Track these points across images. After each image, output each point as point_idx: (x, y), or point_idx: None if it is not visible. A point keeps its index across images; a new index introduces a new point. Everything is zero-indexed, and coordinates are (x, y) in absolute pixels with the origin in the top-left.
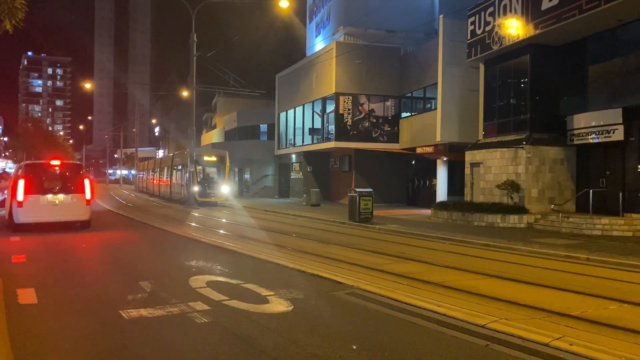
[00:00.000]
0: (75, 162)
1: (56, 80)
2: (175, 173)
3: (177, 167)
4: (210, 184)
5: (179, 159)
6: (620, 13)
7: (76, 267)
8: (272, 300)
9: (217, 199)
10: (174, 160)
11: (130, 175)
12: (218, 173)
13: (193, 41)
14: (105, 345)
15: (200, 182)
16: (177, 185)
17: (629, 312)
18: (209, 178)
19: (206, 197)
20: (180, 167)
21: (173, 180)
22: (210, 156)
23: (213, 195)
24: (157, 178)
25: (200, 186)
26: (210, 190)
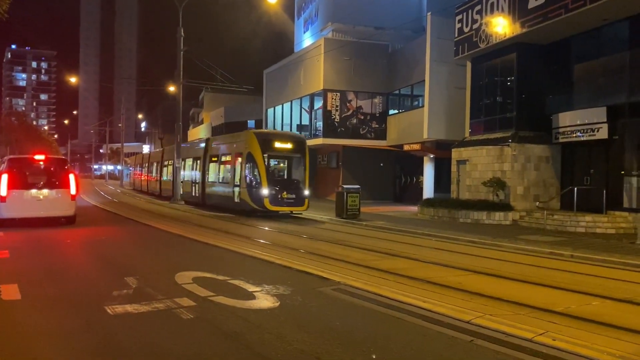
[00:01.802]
0: (60, 157)
1: (41, 74)
2: (191, 167)
3: (195, 160)
4: (284, 184)
5: (196, 149)
6: (605, 12)
7: (61, 262)
8: (259, 296)
9: (297, 207)
10: (189, 152)
11: (116, 170)
12: (296, 168)
13: (180, 36)
14: (90, 341)
15: (270, 181)
16: (190, 184)
17: (611, 307)
18: (282, 175)
19: (280, 204)
20: (195, 160)
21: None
22: (284, 141)
23: (291, 201)
24: (164, 174)
25: (270, 187)
26: (288, 193)
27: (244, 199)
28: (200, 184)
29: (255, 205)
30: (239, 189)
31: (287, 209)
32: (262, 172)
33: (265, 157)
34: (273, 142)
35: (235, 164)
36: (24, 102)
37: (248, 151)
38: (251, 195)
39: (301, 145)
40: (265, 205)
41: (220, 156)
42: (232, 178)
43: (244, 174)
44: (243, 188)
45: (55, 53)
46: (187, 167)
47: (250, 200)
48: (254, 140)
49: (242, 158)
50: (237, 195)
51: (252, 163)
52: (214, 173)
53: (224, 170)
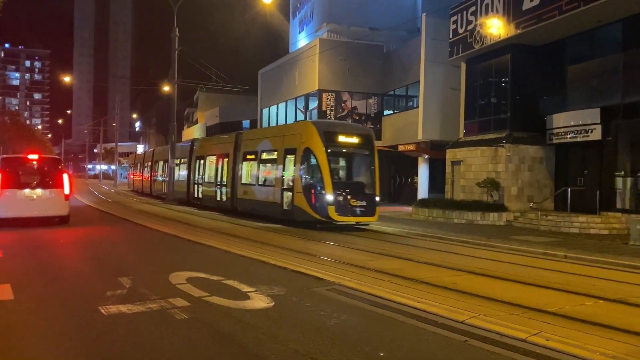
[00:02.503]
0: (54, 157)
1: (34, 73)
2: (214, 166)
3: (221, 158)
4: (352, 188)
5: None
6: (599, 14)
7: (54, 262)
8: (253, 296)
9: (367, 218)
10: (208, 149)
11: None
12: (363, 167)
13: (175, 35)
14: (84, 341)
15: (336, 184)
16: (213, 187)
17: (603, 308)
18: (348, 176)
19: (349, 213)
20: (221, 158)
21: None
22: (350, 134)
23: (362, 210)
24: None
25: (336, 191)
26: (358, 199)
27: (298, 206)
28: (230, 187)
29: (316, 214)
30: (290, 193)
31: (357, 220)
32: (326, 172)
33: (328, 154)
34: (337, 135)
35: (285, 162)
36: (17, 102)
37: (306, 146)
38: (310, 202)
39: (369, 139)
40: (330, 214)
41: (260, 153)
42: (279, 180)
43: (299, 174)
44: (298, 192)
45: (49, 52)
46: (204, 167)
47: (310, 207)
48: (314, 133)
49: (296, 155)
50: (288, 202)
51: (312, 161)
52: (250, 173)
53: (266, 170)
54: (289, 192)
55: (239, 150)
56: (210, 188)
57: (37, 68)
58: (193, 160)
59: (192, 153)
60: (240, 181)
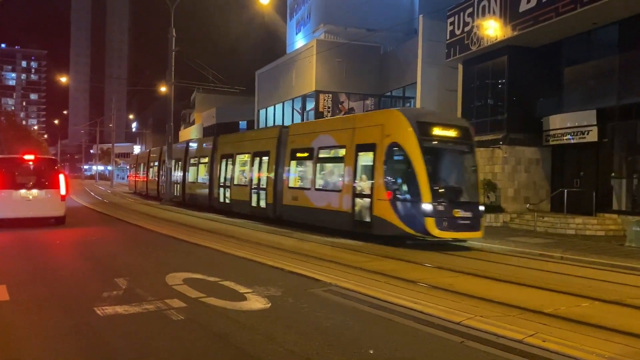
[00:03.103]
0: (50, 157)
1: (30, 74)
2: (247, 166)
3: (257, 157)
4: (454, 195)
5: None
6: (595, 16)
7: (50, 263)
8: (250, 297)
9: (473, 233)
10: (236, 146)
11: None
12: (464, 169)
13: (171, 36)
14: (79, 342)
15: (435, 189)
16: (244, 190)
17: (600, 309)
18: (445, 180)
19: (452, 227)
20: (258, 156)
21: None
22: (447, 126)
23: (466, 223)
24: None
25: (436, 199)
26: (462, 210)
27: (381, 216)
28: (272, 191)
29: (407, 227)
30: (367, 200)
31: (461, 236)
32: (422, 174)
33: (423, 151)
34: (433, 127)
35: (358, 161)
36: (13, 102)
37: (392, 141)
38: (399, 212)
39: (468, 132)
40: (429, 228)
41: (317, 151)
42: (348, 184)
43: (382, 177)
44: (380, 200)
45: (46, 52)
46: (234, 167)
47: (398, 219)
48: (404, 124)
49: (375, 152)
50: (364, 211)
51: (401, 160)
52: (302, 175)
53: (327, 171)
54: (366, 199)
55: (284, 147)
56: (243, 192)
57: (33, 68)
58: (217, 160)
59: (215, 151)
60: (286, 184)
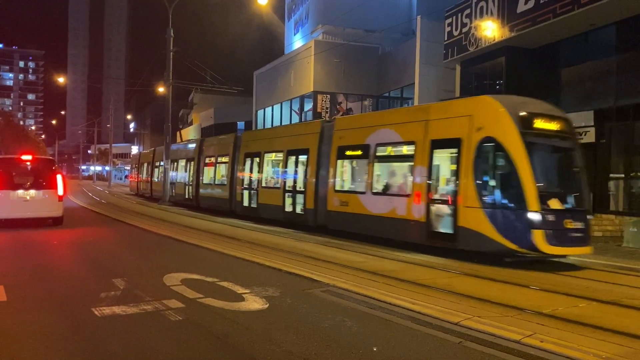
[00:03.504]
0: (48, 158)
1: (28, 74)
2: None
3: (296, 156)
4: (563, 201)
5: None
6: (592, 17)
7: (48, 264)
8: (248, 298)
9: (583, 248)
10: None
11: (104, 171)
12: (570, 170)
13: (170, 36)
14: (77, 343)
15: (542, 194)
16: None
17: (597, 309)
18: (554, 183)
19: (564, 241)
20: (297, 154)
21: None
22: (551, 119)
23: (578, 236)
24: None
25: (545, 208)
26: (573, 220)
27: (471, 227)
28: (312, 195)
29: (509, 242)
30: (450, 208)
31: (573, 252)
32: (527, 177)
33: (527, 147)
34: (536, 119)
35: (433, 160)
36: (10, 102)
37: (485, 135)
38: (497, 223)
39: (572, 127)
40: (537, 243)
41: (374, 148)
42: (421, 187)
43: (472, 179)
44: (470, 207)
45: (43, 52)
46: (262, 168)
47: (496, 231)
48: (503, 115)
49: (460, 149)
50: (446, 221)
51: (498, 158)
52: (355, 177)
53: (390, 172)
54: (447, 206)
55: (327, 144)
56: (274, 195)
57: (31, 68)
58: (240, 159)
59: (237, 150)
60: (332, 187)
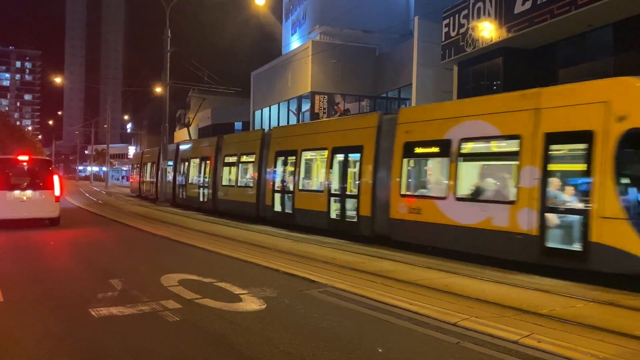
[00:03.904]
0: (44, 158)
1: (25, 74)
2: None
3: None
4: None
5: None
6: (589, 18)
7: (44, 265)
8: (245, 298)
9: None
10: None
11: (102, 172)
12: None
13: (167, 37)
14: (74, 344)
15: None
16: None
17: (594, 310)
18: None
19: None
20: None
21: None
22: None
23: None
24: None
25: None
26: None
27: (614, 245)
28: (367, 200)
29: None
30: (579, 218)
31: None
32: None
33: None
34: None
35: (552, 158)
36: (7, 102)
37: (632, 127)
38: None
39: None
40: None
41: (456, 143)
42: (531, 191)
43: (615, 184)
44: (613, 218)
45: (40, 53)
46: (300, 168)
47: None
48: None
49: (596, 144)
50: (576, 235)
51: None
52: (426, 178)
53: (483, 172)
54: (576, 217)
55: (388, 140)
56: (315, 200)
57: (27, 69)
58: (270, 159)
59: (265, 148)
60: (396, 191)
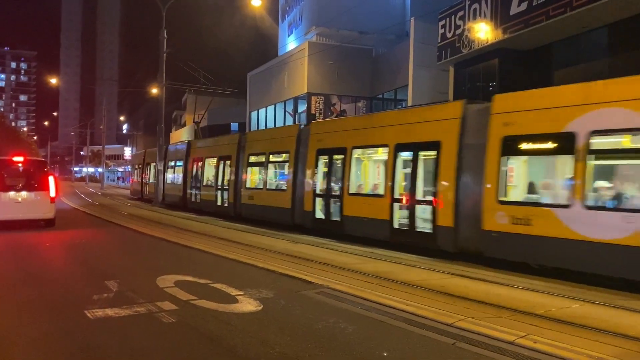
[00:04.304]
0: (40, 159)
1: (20, 75)
2: None
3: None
4: None
5: None
6: (584, 20)
7: (40, 266)
8: (241, 299)
9: None
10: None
11: (97, 173)
12: None
13: (163, 37)
14: (69, 345)
15: None
16: None
17: (589, 310)
18: None
19: None
20: None
21: None
22: None
23: None
24: None
25: None
26: None
27: None
28: (450, 207)
29: None
30: None
31: None
32: None
33: None
34: None
35: None
36: (2, 103)
37: None
38: None
39: None
40: None
41: (584, 137)
42: None
43: None
44: None
45: (35, 53)
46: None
47: None
48: None
49: None
50: None
51: None
52: (538, 181)
53: (629, 174)
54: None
55: (472, 135)
56: (369, 206)
57: (23, 69)
58: (308, 157)
59: (302, 145)
60: (493, 196)
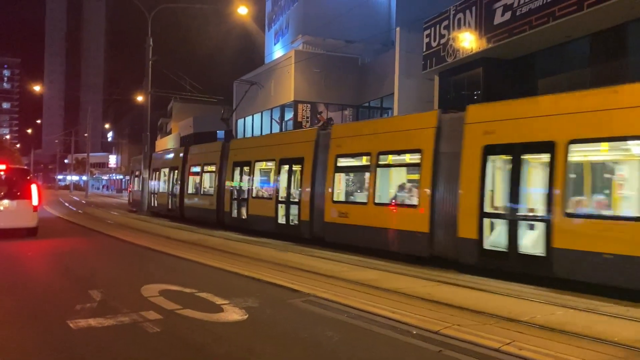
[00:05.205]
0: (22, 167)
1: (3, 82)
2: None
3: None
4: None
5: None
6: (567, 29)
7: (21, 275)
8: (227, 309)
9: None
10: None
11: (82, 181)
12: None
13: (149, 45)
14: (51, 356)
15: None
16: None
17: (573, 317)
18: None
19: None
20: None
21: None
22: None
23: None
24: None
25: None
26: None
27: None
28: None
29: None
30: None
31: None
32: None
33: None
34: None
35: None
36: None
37: None
38: None
39: None
40: None
41: None
42: None
43: None
44: None
45: (19, 61)
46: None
47: None
48: None
49: None
50: None
51: None
52: None
53: None
54: None
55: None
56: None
57: (6, 77)
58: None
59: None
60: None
